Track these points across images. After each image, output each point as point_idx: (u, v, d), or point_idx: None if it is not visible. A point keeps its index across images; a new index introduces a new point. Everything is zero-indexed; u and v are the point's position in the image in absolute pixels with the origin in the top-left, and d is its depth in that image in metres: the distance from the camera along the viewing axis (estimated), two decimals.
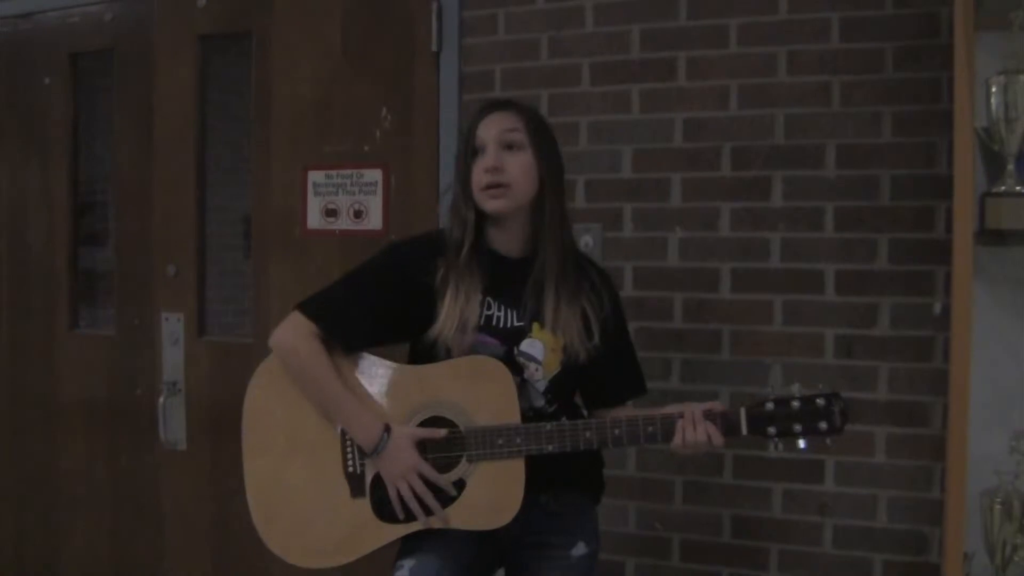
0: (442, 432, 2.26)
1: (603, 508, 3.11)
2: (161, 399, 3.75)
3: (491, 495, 2.25)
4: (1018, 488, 2.43)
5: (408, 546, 2.33)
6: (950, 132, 2.41)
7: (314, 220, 3.56)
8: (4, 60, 4.12)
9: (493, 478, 2.25)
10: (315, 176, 3.55)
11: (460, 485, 2.26)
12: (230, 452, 3.67)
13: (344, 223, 3.51)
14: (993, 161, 2.45)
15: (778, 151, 2.97)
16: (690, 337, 3.06)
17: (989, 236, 2.41)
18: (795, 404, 2.20)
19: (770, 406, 2.21)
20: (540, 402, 2.35)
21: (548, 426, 2.24)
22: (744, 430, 2.21)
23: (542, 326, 2.33)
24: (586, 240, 3.13)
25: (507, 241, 2.37)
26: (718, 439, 2.21)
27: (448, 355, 2.29)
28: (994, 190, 2.40)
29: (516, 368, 2.31)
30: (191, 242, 3.77)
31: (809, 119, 2.93)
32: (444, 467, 2.26)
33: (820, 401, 2.20)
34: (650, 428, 2.22)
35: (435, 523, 2.25)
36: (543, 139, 2.35)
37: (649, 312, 3.10)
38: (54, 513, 4.08)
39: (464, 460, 2.26)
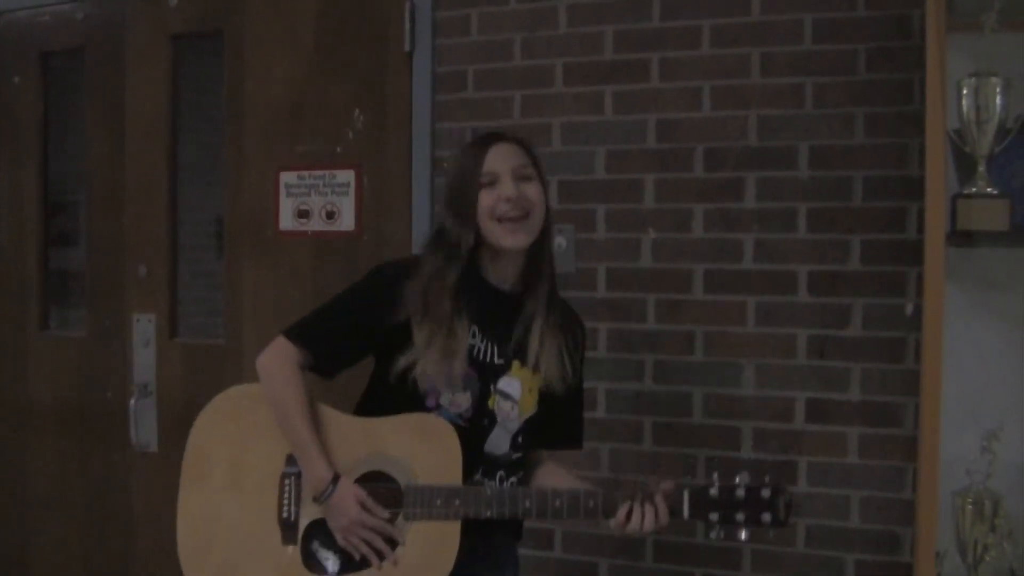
0: (385, 513, 2.22)
1: None
2: (132, 401, 3.73)
3: (424, 555, 2.21)
4: (989, 488, 2.44)
5: None
6: (922, 134, 2.42)
7: (286, 221, 3.55)
8: None
9: (427, 538, 2.21)
10: (287, 177, 3.53)
11: (393, 544, 2.23)
12: None
13: (316, 224, 3.49)
14: (964, 163, 2.45)
15: (751, 152, 2.97)
16: (663, 338, 3.06)
17: (960, 237, 2.41)
18: (740, 493, 2.14)
19: (714, 492, 2.15)
20: (504, 448, 2.31)
21: (488, 491, 2.21)
22: (686, 513, 2.16)
23: (523, 364, 2.31)
24: (559, 241, 3.13)
25: (502, 274, 2.32)
26: (664, 517, 2.15)
27: (428, 385, 2.24)
28: (965, 191, 2.41)
29: (485, 412, 2.28)
30: (163, 242, 3.75)
31: (782, 120, 2.94)
32: None
33: (765, 493, 2.13)
34: (591, 503, 2.17)
35: (387, 565, 2.22)
36: (544, 175, 2.33)
37: (622, 313, 3.10)
38: (24, 515, 4.05)
39: (401, 517, 2.22)
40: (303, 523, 2.29)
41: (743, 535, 2.15)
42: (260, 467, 2.33)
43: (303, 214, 3.52)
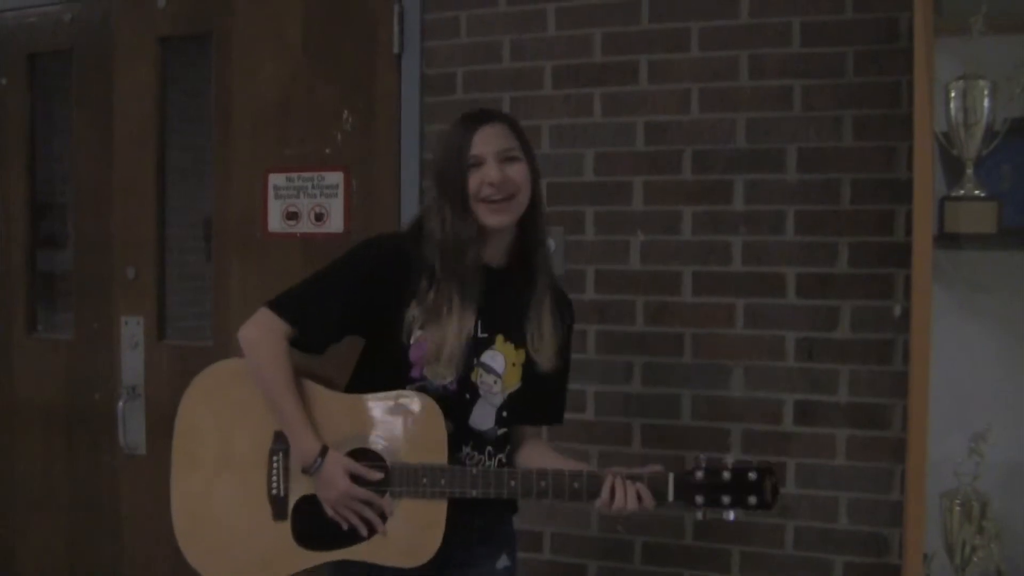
0: (377, 474, 2.23)
1: (565, 511, 3.11)
2: (120, 403, 3.72)
3: (410, 534, 2.22)
4: (977, 489, 2.45)
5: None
6: (910, 136, 2.43)
7: (275, 223, 3.54)
8: None
9: (414, 517, 2.22)
10: (276, 179, 3.53)
11: (383, 517, 2.24)
12: None
13: (305, 226, 3.49)
14: (952, 165, 2.46)
15: (739, 155, 2.97)
16: (651, 340, 3.06)
17: (948, 240, 2.42)
18: (726, 475, 2.15)
19: (700, 475, 2.16)
20: (490, 424, 2.31)
21: (474, 470, 2.22)
22: (671, 496, 2.16)
23: (506, 339, 2.31)
24: (548, 243, 3.13)
25: (492, 252, 2.31)
26: (649, 499, 2.16)
27: (415, 356, 2.25)
28: (953, 194, 2.42)
29: (468, 385, 2.28)
30: (151, 245, 3.74)
31: (770, 123, 2.95)
32: None
33: (752, 475, 2.14)
34: (576, 484, 2.18)
35: (377, 537, 2.23)
36: (532, 151, 2.32)
37: (610, 315, 3.10)
38: (12, 517, 4.04)
39: (388, 495, 2.23)
40: (293, 498, 2.30)
41: (730, 516, 2.16)
42: (248, 445, 2.33)
43: (292, 216, 3.51)
